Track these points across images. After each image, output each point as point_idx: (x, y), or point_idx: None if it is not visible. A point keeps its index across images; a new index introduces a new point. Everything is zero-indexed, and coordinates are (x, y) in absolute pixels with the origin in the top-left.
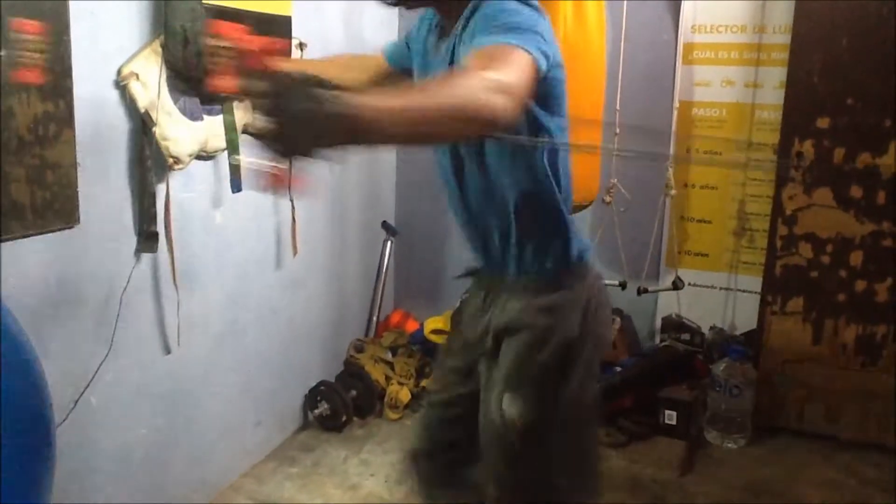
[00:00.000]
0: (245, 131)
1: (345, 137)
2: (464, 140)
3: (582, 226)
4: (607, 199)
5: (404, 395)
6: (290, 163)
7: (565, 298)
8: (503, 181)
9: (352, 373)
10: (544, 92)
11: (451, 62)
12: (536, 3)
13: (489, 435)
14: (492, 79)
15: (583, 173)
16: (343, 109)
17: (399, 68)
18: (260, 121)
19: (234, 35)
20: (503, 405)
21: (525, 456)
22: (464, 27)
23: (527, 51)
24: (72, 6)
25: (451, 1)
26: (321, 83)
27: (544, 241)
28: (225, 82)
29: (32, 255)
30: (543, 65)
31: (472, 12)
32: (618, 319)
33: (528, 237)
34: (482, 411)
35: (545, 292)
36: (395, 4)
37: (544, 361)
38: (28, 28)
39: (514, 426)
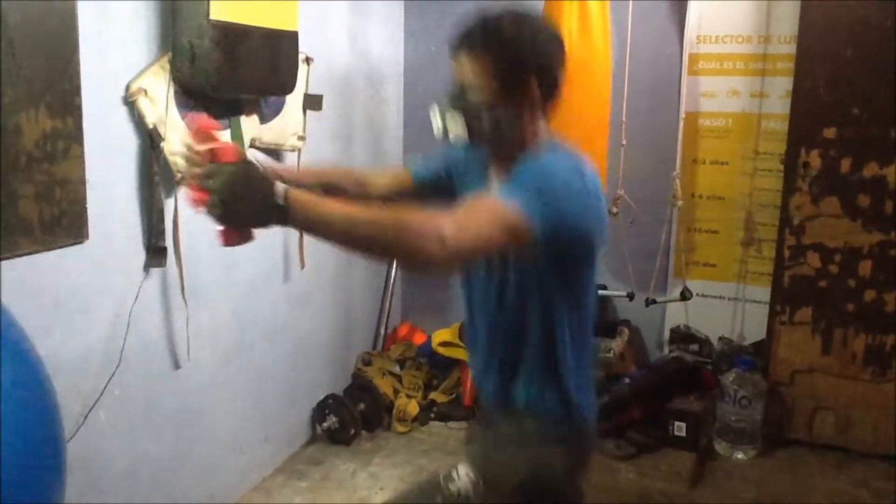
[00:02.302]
0: (252, 145)
1: (272, 220)
2: (387, 262)
3: None
4: (614, 210)
5: (412, 407)
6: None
7: (552, 442)
8: (519, 315)
9: (360, 386)
10: (563, 261)
11: None
12: (583, 166)
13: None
14: (436, 223)
15: None
16: (271, 201)
17: (424, 187)
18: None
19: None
20: (454, 472)
21: None
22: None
23: (520, 209)
24: (80, 23)
25: (504, 149)
26: (264, 174)
27: (548, 384)
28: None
29: (42, 270)
30: (538, 228)
31: (518, 165)
32: (625, 331)
33: (531, 374)
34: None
35: (542, 432)
36: (459, 144)
37: (511, 471)
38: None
39: (451, 495)
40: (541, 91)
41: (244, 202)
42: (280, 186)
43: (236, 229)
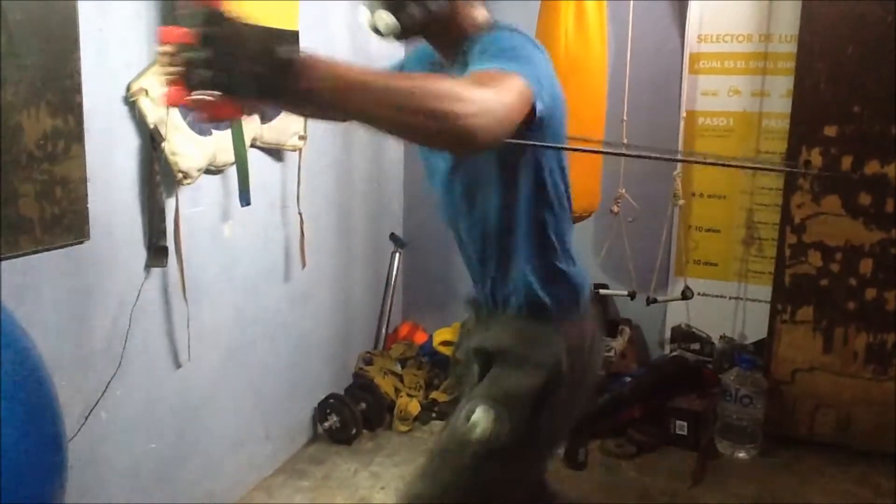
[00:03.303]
0: (253, 144)
1: (289, 87)
2: (421, 142)
3: (590, 237)
4: (615, 209)
5: (414, 407)
6: (224, 94)
7: (557, 338)
8: (491, 207)
9: (361, 385)
10: (542, 127)
11: None
12: (535, 39)
13: (443, 440)
14: (475, 92)
15: (584, 185)
16: (283, 54)
17: None
18: (199, 49)
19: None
20: (471, 416)
21: (470, 470)
22: (461, 61)
23: (522, 76)
24: (81, 22)
25: (445, 35)
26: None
27: (534, 276)
28: (175, 94)
29: (42, 270)
30: (536, 92)
31: (469, 47)
32: (627, 329)
33: (514, 268)
34: (450, 420)
35: (530, 324)
36: (388, 36)
37: (525, 390)
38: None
39: (474, 439)
40: None
41: (243, 53)
42: (295, 45)
43: (228, 95)
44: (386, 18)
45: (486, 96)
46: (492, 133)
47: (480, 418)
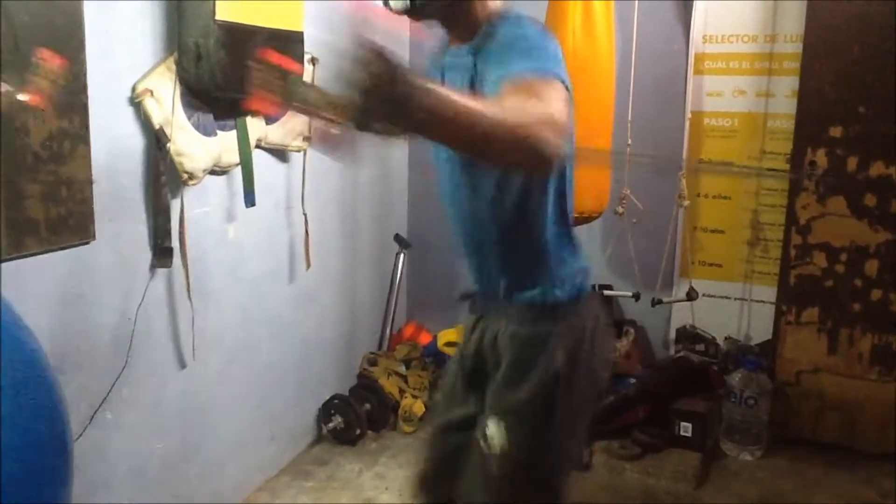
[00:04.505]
0: (257, 146)
1: (411, 118)
2: (508, 166)
3: (595, 238)
4: (620, 210)
5: (418, 407)
6: (355, 131)
7: (556, 331)
8: (495, 204)
9: (365, 386)
10: None
11: (473, 82)
12: (544, 27)
13: (473, 457)
14: (545, 113)
15: (592, 185)
16: (419, 91)
17: None
18: (345, 89)
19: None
20: (487, 431)
21: (501, 482)
22: (475, 49)
23: (561, 81)
24: (87, 23)
25: (459, 19)
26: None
27: (536, 271)
28: (263, 103)
29: (48, 271)
30: (571, 94)
31: (488, 35)
32: (631, 331)
33: (518, 265)
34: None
35: (535, 323)
36: (400, 13)
37: (530, 394)
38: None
39: (495, 453)
40: None
41: (389, 90)
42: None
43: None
44: None
45: (552, 115)
46: (562, 149)
47: (494, 433)
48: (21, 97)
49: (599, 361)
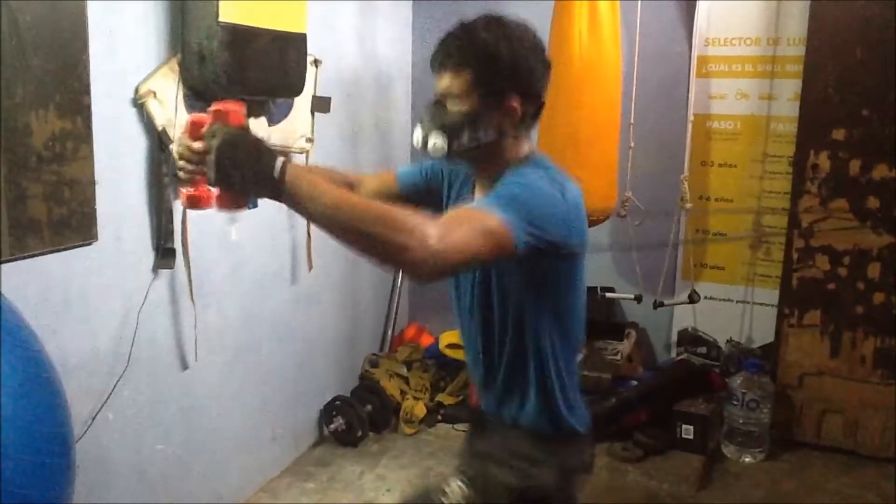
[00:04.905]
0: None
1: (265, 192)
2: (369, 258)
3: (597, 239)
4: (622, 212)
5: (420, 409)
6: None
7: (548, 461)
8: (501, 324)
9: (367, 387)
10: (543, 273)
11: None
12: (559, 176)
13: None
14: (426, 227)
15: (599, 187)
16: (268, 171)
17: (409, 192)
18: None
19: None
20: (444, 486)
21: None
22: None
23: (500, 218)
24: (90, 24)
25: (487, 163)
26: (264, 144)
27: (533, 396)
28: (197, 194)
29: (50, 271)
30: (521, 240)
31: (502, 177)
32: (633, 333)
33: (514, 386)
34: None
35: (531, 446)
36: (438, 157)
37: (503, 486)
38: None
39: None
40: (522, 106)
41: (241, 166)
42: (280, 159)
43: (230, 193)
44: (438, 142)
45: (431, 233)
46: (429, 267)
47: (454, 492)
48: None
49: (575, 493)
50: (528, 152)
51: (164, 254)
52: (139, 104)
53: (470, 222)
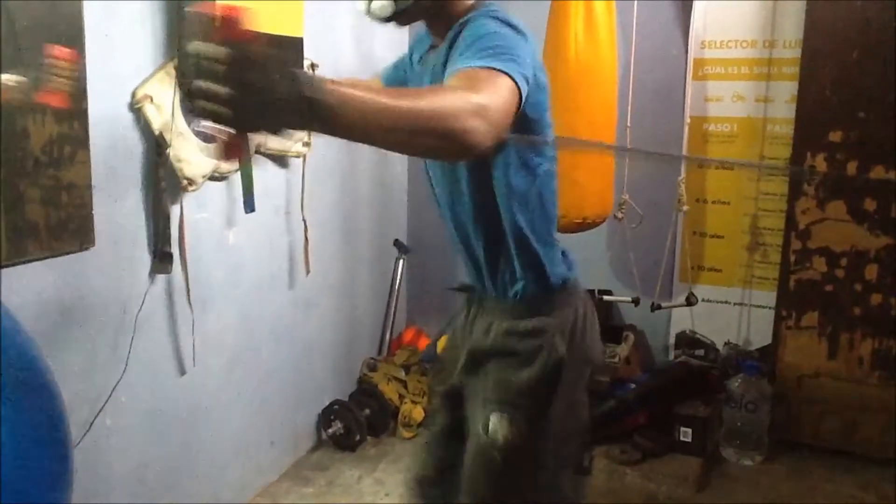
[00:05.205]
0: (257, 151)
1: (305, 119)
2: (433, 157)
3: (595, 242)
4: (619, 215)
5: (418, 413)
6: (239, 132)
7: (548, 322)
8: (480, 202)
9: (365, 391)
10: (526, 116)
11: (435, 78)
12: (519, 23)
13: (472, 452)
14: (473, 101)
15: (596, 190)
16: (309, 92)
17: (390, 83)
18: (211, 86)
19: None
20: (488, 425)
21: (506, 476)
22: (450, 45)
23: (510, 76)
24: (87, 28)
25: (438, 17)
26: (295, 56)
27: (523, 265)
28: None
29: (48, 276)
30: (525, 91)
31: (459, 31)
32: (631, 336)
33: (505, 260)
34: (469, 429)
35: (527, 315)
36: (386, 21)
37: (529, 384)
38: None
39: (498, 447)
40: None
41: (265, 89)
42: (308, 72)
43: (245, 130)
44: (383, 2)
45: (483, 102)
46: (491, 138)
47: (497, 425)
48: (39, 99)
49: (591, 343)
50: (476, 1)
51: (162, 258)
52: (136, 108)
53: (492, 85)
